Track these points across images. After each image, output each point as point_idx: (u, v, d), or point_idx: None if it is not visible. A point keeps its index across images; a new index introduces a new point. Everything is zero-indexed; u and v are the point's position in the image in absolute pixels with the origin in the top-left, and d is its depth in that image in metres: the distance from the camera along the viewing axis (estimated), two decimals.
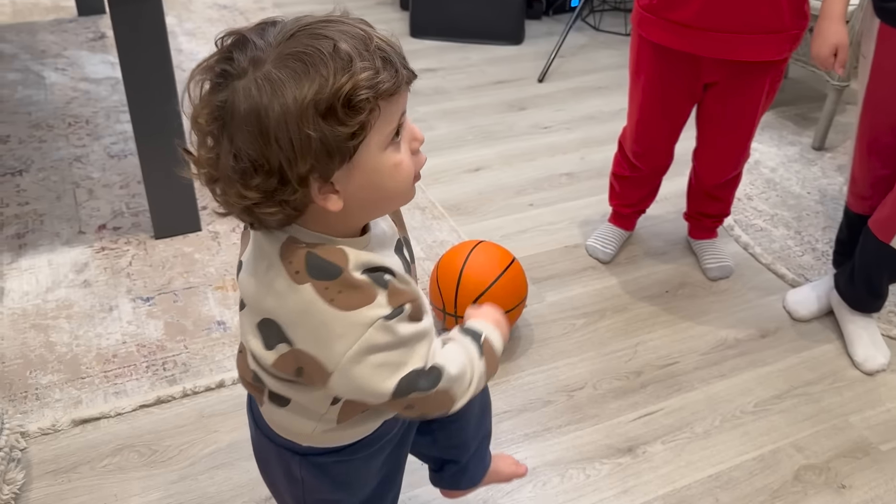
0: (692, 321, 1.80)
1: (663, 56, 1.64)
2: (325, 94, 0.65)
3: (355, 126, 0.66)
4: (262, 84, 0.65)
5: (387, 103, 0.68)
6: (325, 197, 0.70)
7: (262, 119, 0.65)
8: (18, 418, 1.45)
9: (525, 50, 3.12)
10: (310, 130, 0.65)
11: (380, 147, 0.70)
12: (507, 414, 1.54)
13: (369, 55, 0.67)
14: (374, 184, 0.71)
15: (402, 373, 0.75)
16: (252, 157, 0.67)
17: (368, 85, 0.66)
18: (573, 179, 2.31)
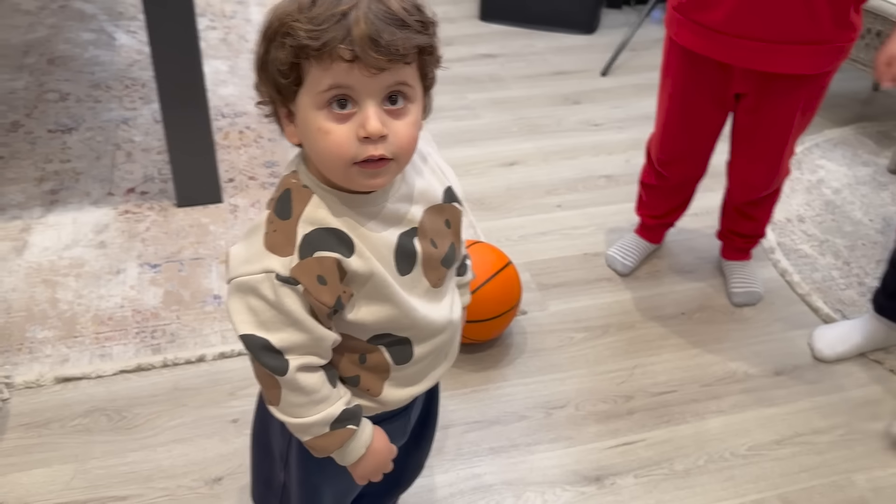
0: (702, 348, 1.68)
1: (691, 60, 1.51)
2: (275, 24, 0.72)
3: (284, 65, 0.72)
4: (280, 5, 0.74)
5: (317, 63, 0.71)
6: (287, 125, 0.77)
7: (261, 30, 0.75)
8: (7, 369, 1.52)
9: (596, 40, 2.98)
10: (261, 47, 0.74)
11: (312, 103, 0.73)
12: (476, 424, 1.48)
13: (325, 16, 0.69)
14: (306, 137, 0.76)
15: (258, 332, 0.77)
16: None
17: (296, 33, 0.70)
18: (611, 183, 2.19)
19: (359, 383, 0.86)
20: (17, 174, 2.05)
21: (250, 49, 2.76)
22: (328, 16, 0.69)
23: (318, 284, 0.75)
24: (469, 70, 2.72)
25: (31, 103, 2.35)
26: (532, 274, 1.84)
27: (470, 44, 2.90)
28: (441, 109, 2.47)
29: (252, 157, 2.20)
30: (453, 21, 3.07)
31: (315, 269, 0.75)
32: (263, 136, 2.30)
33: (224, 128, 2.32)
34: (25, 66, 2.54)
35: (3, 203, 1.94)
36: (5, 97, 2.37)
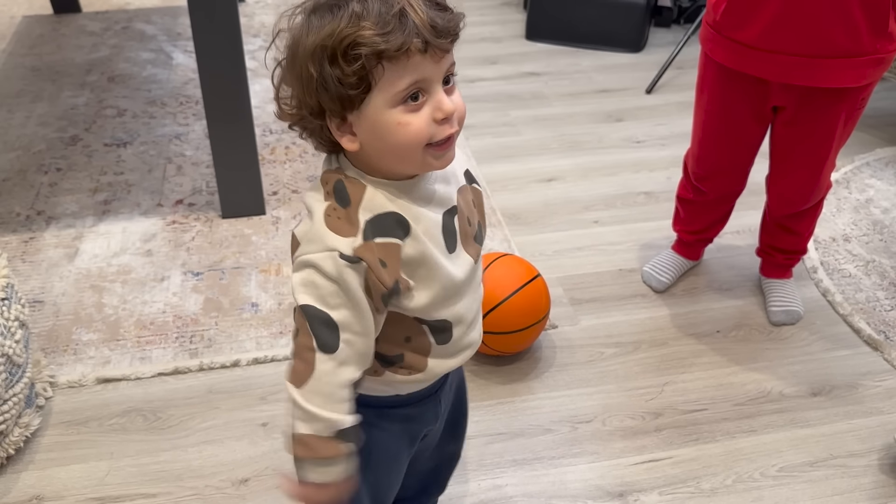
0: (737, 367, 1.64)
1: (726, 76, 1.51)
2: (330, 41, 0.74)
3: (353, 76, 0.74)
4: (303, 23, 0.78)
5: (392, 65, 0.74)
6: (342, 135, 0.80)
7: (293, 52, 0.78)
8: (52, 369, 1.59)
9: (643, 59, 2.97)
10: (312, 69, 0.76)
11: (386, 104, 0.76)
12: (500, 436, 1.48)
13: (386, 19, 0.73)
14: (379, 136, 0.78)
15: (319, 305, 0.80)
16: (287, 81, 0.80)
17: (368, 42, 0.73)
18: (650, 199, 2.17)
19: (403, 361, 0.89)
20: (73, 185, 2.15)
21: None
22: (389, 18, 0.73)
23: (380, 266, 0.80)
24: (513, 88, 2.74)
25: (91, 118, 2.47)
26: (565, 289, 1.84)
27: (515, 62, 2.92)
28: (482, 126, 2.50)
29: (296, 171, 2.26)
30: (499, 41, 3.10)
31: (377, 252, 0.80)
32: (308, 151, 2.36)
33: (271, 143, 2.39)
34: (87, 83, 2.67)
35: (58, 212, 2.04)
36: (67, 112, 2.49)
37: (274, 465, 1.42)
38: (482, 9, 3.39)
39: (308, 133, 0.83)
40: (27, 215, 2.03)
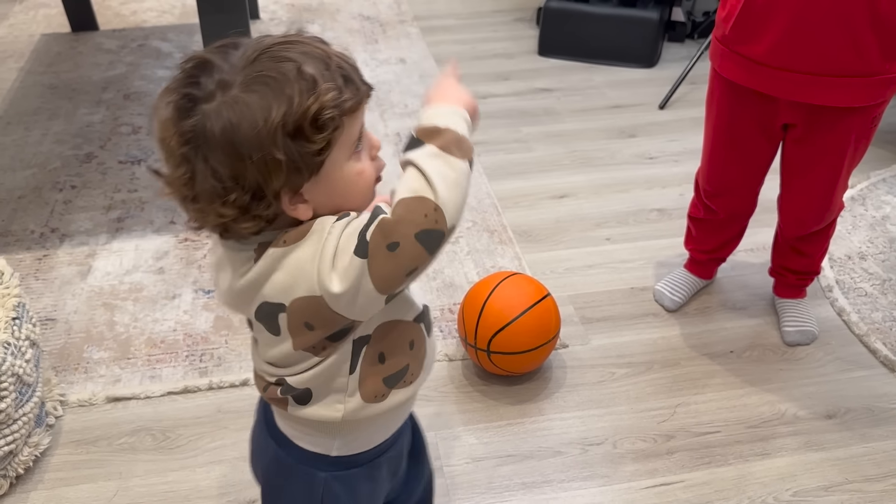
0: (751, 388, 1.62)
1: (735, 92, 1.49)
2: (293, 115, 0.70)
3: (322, 143, 0.71)
4: (232, 106, 0.70)
5: (350, 118, 0.73)
6: (295, 207, 0.75)
7: (235, 141, 0.70)
8: (63, 388, 1.60)
9: (656, 74, 2.96)
10: (278, 151, 0.70)
11: (343, 158, 0.75)
12: (510, 458, 1.47)
13: (330, 74, 0.72)
14: (339, 192, 0.76)
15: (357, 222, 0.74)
16: (228, 175, 0.71)
17: (333, 104, 0.71)
18: (663, 216, 2.16)
19: (406, 373, 0.87)
20: (87, 203, 2.17)
21: None
22: (333, 74, 0.72)
23: None
24: (524, 104, 2.74)
25: (106, 136, 2.49)
26: (576, 307, 1.82)
27: (527, 78, 2.92)
28: (494, 142, 2.50)
29: None
30: (512, 56, 3.10)
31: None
32: None
33: None
34: (103, 100, 2.70)
35: (72, 230, 2.06)
36: (83, 130, 2.52)
37: None
38: (494, 25, 3.40)
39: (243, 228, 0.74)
40: (41, 233, 2.05)
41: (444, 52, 3.12)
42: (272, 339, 0.82)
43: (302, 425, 0.89)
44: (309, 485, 0.92)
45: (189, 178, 0.72)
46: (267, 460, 0.95)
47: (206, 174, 0.71)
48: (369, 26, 3.41)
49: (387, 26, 3.40)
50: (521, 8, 3.54)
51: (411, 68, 3.01)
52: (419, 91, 2.82)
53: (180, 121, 0.71)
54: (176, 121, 0.72)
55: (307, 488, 0.92)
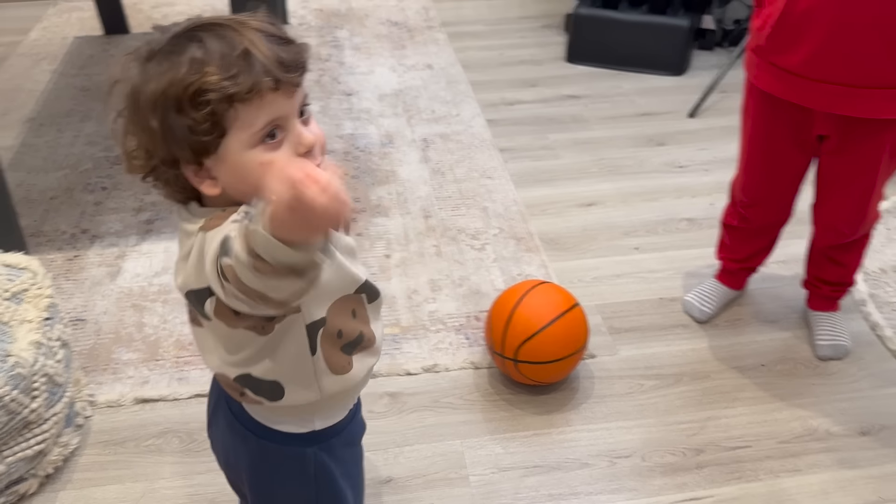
0: (782, 402, 1.59)
1: (770, 103, 1.48)
2: (173, 90, 0.73)
3: (204, 123, 0.73)
4: (141, 73, 0.76)
5: (246, 106, 0.74)
6: (202, 180, 0.78)
7: (134, 101, 0.76)
8: (92, 388, 1.61)
9: (685, 82, 2.93)
10: (154, 121, 0.74)
11: (244, 146, 0.76)
12: (536, 469, 1.46)
13: (230, 60, 0.73)
14: (242, 178, 0.77)
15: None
16: (130, 131, 0.78)
17: (215, 87, 0.72)
18: (693, 226, 2.13)
19: (363, 338, 0.91)
20: (117, 204, 2.19)
21: (342, 91, 2.87)
22: (233, 61, 0.73)
23: None
24: (552, 111, 2.73)
25: None
26: (604, 317, 1.81)
27: (554, 85, 2.91)
28: (521, 149, 2.49)
29: None
30: (539, 63, 3.09)
31: None
32: (348, 172, 2.37)
33: None
34: None
35: (103, 231, 2.08)
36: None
37: None
38: (522, 31, 3.39)
39: (162, 183, 0.80)
40: (72, 233, 2.07)
41: (471, 58, 3.12)
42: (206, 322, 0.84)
43: (281, 412, 0.91)
44: (300, 463, 0.94)
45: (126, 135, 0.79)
46: (249, 456, 0.96)
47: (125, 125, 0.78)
48: (397, 32, 3.41)
49: (414, 32, 3.41)
50: (548, 14, 3.52)
51: (438, 74, 3.00)
52: (446, 97, 2.82)
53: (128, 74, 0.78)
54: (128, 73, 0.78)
55: (299, 468, 0.94)
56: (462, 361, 1.70)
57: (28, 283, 1.47)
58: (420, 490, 1.42)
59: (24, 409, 1.33)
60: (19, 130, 2.57)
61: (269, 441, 0.93)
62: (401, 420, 1.56)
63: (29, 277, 1.48)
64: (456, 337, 1.76)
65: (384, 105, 2.78)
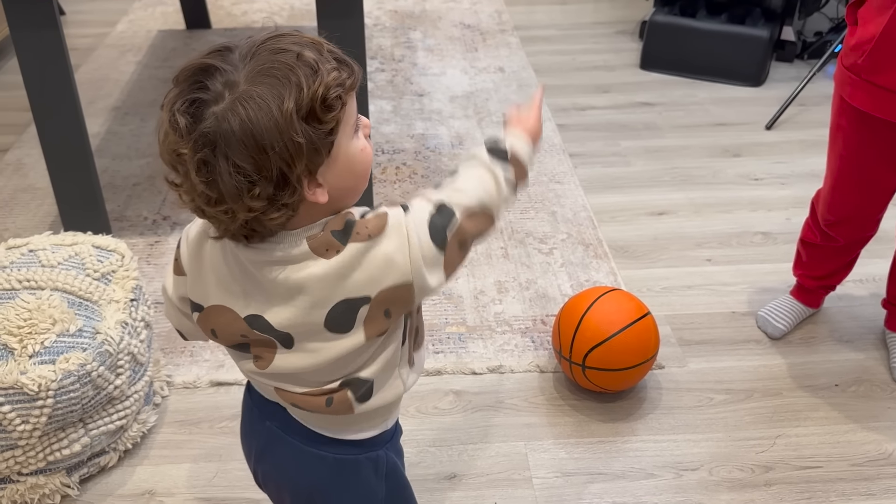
0: (856, 424, 1.55)
1: (865, 122, 1.44)
2: (304, 99, 0.73)
3: (333, 122, 0.76)
4: (245, 102, 0.72)
5: (349, 97, 0.78)
6: (313, 192, 0.77)
7: (254, 134, 0.72)
8: (170, 369, 1.67)
9: (763, 93, 2.87)
10: (297, 136, 0.73)
11: (348, 137, 0.79)
12: (600, 476, 1.45)
13: (325, 58, 0.76)
14: (350, 170, 0.80)
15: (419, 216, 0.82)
16: (252, 169, 0.73)
17: (337, 83, 0.75)
18: (768, 240, 2.09)
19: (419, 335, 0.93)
20: None
21: (414, 91, 2.90)
22: (327, 57, 0.76)
23: None
24: (624, 117, 2.71)
25: None
26: (673, 328, 1.79)
27: (628, 92, 2.88)
28: (591, 155, 2.48)
29: (405, 191, 2.30)
30: (612, 69, 3.07)
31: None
32: (418, 172, 2.40)
33: (382, 163, 2.44)
34: None
35: (182, 219, 2.14)
36: None
37: None
38: (596, 37, 3.37)
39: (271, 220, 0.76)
40: (154, 219, 2.15)
41: (543, 63, 3.12)
42: (334, 338, 0.82)
43: (362, 417, 0.91)
44: (374, 466, 0.95)
45: (210, 181, 0.73)
46: (326, 473, 0.93)
47: (228, 172, 0.72)
48: (470, 34, 3.43)
49: (487, 35, 3.42)
50: (623, 21, 3.50)
51: (510, 77, 3.01)
52: (517, 100, 2.83)
53: (193, 127, 0.73)
54: (189, 127, 0.73)
55: (373, 471, 0.95)
56: (527, 364, 1.70)
57: (116, 264, 1.54)
58: (484, 488, 1.43)
59: (109, 384, 1.39)
60: (105, 118, 2.67)
61: (346, 453, 0.93)
62: (465, 418, 1.58)
63: (117, 259, 1.55)
64: (522, 339, 1.77)
65: (455, 106, 2.80)
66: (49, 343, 1.35)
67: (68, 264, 1.51)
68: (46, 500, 1.39)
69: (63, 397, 1.32)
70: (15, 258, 1.51)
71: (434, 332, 1.78)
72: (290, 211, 0.77)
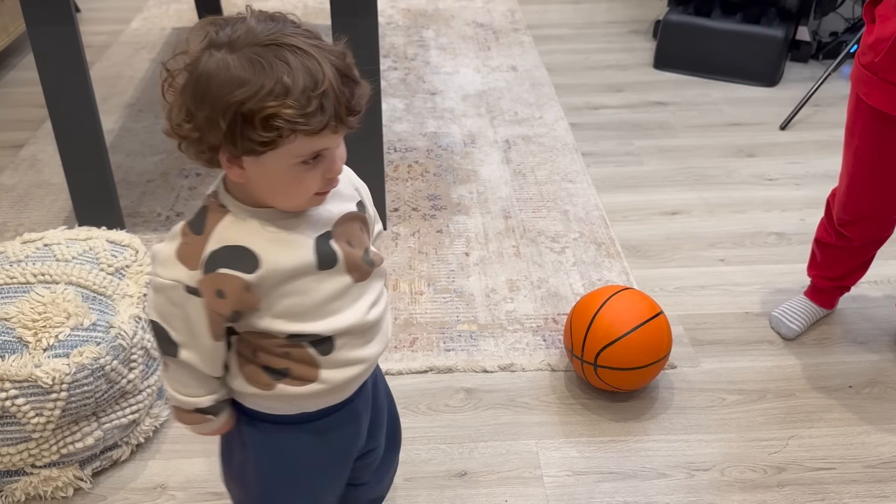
0: (870, 426, 1.54)
1: (881, 120, 1.43)
2: (249, 104, 0.77)
3: (265, 139, 0.78)
4: (222, 62, 0.79)
5: (306, 137, 0.79)
6: (230, 167, 0.83)
7: (205, 87, 0.79)
8: None
9: (777, 93, 2.86)
10: (222, 121, 0.78)
11: (289, 162, 0.82)
12: (612, 475, 1.45)
13: (311, 95, 0.77)
14: (271, 183, 0.84)
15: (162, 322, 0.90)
16: (188, 106, 0.81)
17: (288, 119, 0.77)
18: (782, 241, 2.08)
19: (290, 373, 0.92)
20: None
21: (427, 90, 2.90)
22: (311, 98, 0.77)
23: (217, 298, 0.86)
24: (638, 117, 2.70)
25: None
26: (686, 328, 1.78)
27: (641, 91, 2.87)
28: (604, 154, 2.47)
29: (417, 189, 2.30)
30: (626, 68, 3.06)
31: (215, 284, 0.85)
32: (430, 170, 2.40)
33: (395, 161, 2.45)
34: None
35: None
36: None
37: None
38: (608, 36, 3.36)
39: (193, 154, 0.85)
40: (167, 216, 2.16)
41: (556, 62, 3.11)
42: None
43: None
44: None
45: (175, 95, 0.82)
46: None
47: (178, 93, 0.81)
48: (482, 33, 3.43)
49: (500, 34, 3.42)
50: (636, 20, 3.49)
51: (522, 76, 3.01)
52: (530, 99, 2.82)
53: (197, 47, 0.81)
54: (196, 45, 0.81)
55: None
56: (538, 362, 1.70)
57: (130, 259, 1.54)
58: (494, 486, 1.43)
59: (123, 378, 1.40)
60: (119, 115, 2.69)
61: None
62: (476, 416, 1.57)
63: (131, 254, 1.56)
64: (533, 338, 1.77)
65: (467, 105, 2.80)
66: (63, 337, 1.35)
67: (83, 259, 1.52)
68: (59, 493, 1.40)
69: (77, 391, 1.32)
70: (30, 252, 1.52)
71: (445, 330, 1.78)
72: (206, 160, 0.84)
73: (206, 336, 0.88)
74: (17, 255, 1.52)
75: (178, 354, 0.90)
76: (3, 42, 2.98)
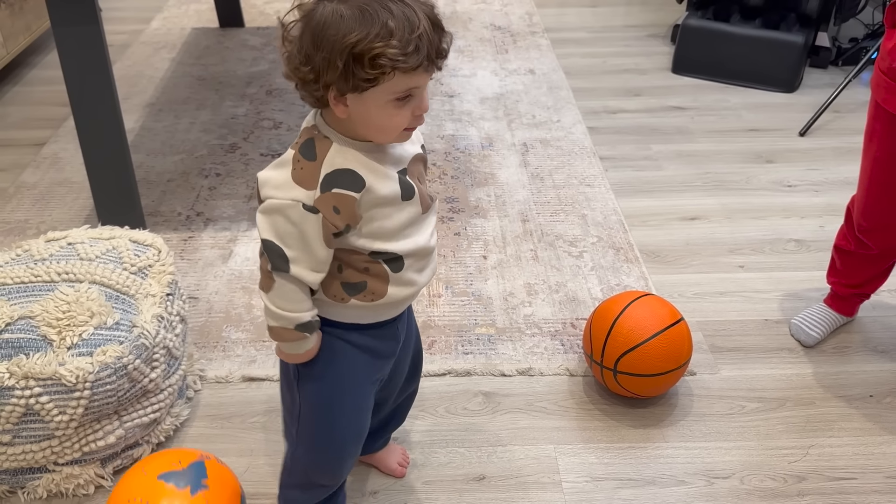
0: (891, 436, 1.53)
1: None
2: (361, 46, 0.90)
3: (370, 76, 0.91)
4: (335, 12, 0.91)
5: (403, 75, 0.92)
6: (337, 104, 0.96)
7: (322, 33, 0.92)
8: (203, 363, 1.69)
9: (796, 99, 2.84)
10: (339, 61, 0.91)
11: (385, 98, 0.94)
12: (631, 482, 1.44)
13: (409, 38, 0.90)
14: (369, 117, 0.96)
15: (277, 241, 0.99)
16: (305, 52, 0.93)
17: (391, 57, 0.90)
18: (802, 248, 2.07)
19: (366, 287, 1.06)
20: (230, 190, 2.28)
21: (444, 92, 2.90)
22: (411, 39, 0.90)
23: (334, 213, 0.97)
24: (656, 121, 2.69)
25: (249, 129, 2.61)
26: (705, 334, 1.77)
27: (659, 95, 2.87)
28: (622, 158, 2.47)
29: (435, 192, 2.30)
30: (644, 72, 3.05)
31: (332, 202, 0.97)
32: (448, 173, 2.40)
33: None
34: (247, 95, 2.83)
35: (216, 215, 2.17)
36: (228, 122, 2.65)
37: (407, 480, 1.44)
38: (627, 39, 3.36)
39: (308, 92, 0.96)
40: (187, 215, 2.17)
41: (574, 65, 3.11)
42: None
43: None
44: None
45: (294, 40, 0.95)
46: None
47: (298, 40, 0.94)
48: (500, 36, 3.43)
49: (517, 37, 3.42)
50: (655, 24, 3.48)
51: (540, 79, 3.01)
52: (547, 102, 2.82)
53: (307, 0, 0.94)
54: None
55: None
56: (557, 367, 1.70)
57: (153, 259, 1.56)
58: (513, 490, 1.43)
59: (144, 378, 1.41)
60: (139, 114, 2.71)
61: None
62: (494, 420, 1.58)
63: (153, 254, 1.57)
64: (551, 342, 1.76)
65: (485, 108, 2.80)
66: (87, 335, 1.37)
67: (106, 258, 1.53)
68: (80, 490, 1.41)
69: (99, 389, 1.33)
70: (54, 251, 1.54)
71: (463, 333, 1.78)
72: (314, 99, 0.96)
73: (321, 247, 0.99)
74: (41, 253, 1.53)
75: (290, 270, 1.00)
76: (25, 41, 3.01)
